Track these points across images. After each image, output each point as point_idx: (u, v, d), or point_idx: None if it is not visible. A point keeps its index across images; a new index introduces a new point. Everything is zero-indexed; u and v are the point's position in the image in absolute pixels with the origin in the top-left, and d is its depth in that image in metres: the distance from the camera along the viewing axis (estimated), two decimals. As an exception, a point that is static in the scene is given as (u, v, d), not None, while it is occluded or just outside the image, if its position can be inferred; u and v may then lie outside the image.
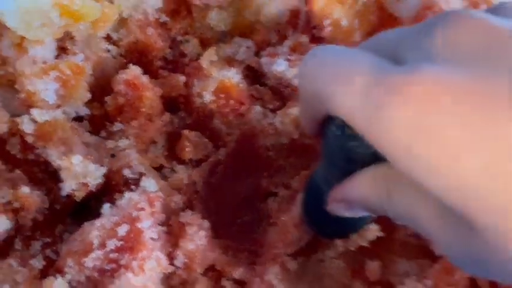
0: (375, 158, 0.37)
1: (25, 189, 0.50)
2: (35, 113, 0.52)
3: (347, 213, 0.44)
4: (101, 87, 0.62)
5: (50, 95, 0.54)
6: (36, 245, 0.51)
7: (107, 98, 0.60)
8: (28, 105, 0.53)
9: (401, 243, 0.58)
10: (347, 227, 0.53)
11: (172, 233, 0.55)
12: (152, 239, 0.50)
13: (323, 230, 0.55)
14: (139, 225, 0.50)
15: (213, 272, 0.55)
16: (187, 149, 0.62)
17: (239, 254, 0.58)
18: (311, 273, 0.58)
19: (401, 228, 0.58)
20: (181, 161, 0.63)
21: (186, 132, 0.63)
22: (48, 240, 0.52)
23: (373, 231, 0.54)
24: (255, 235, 0.60)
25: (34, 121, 0.52)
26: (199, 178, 0.63)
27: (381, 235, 0.56)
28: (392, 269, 0.57)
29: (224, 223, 0.62)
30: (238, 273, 0.55)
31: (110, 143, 0.58)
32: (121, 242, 0.48)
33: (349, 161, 0.39)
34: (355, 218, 0.50)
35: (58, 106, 0.55)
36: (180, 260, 0.53)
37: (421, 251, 0.57)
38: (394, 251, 0.57)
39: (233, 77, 0.61)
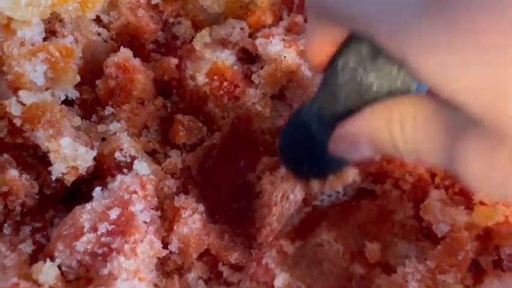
0: (390, 95, 0.35)
1: (13, 172, 0.49)
2: (23, 94, 0.50)
3: (350, 153, 0.41)
4: (91, 70, 0.60)
5: (38, 76, 0.52)
6: (26, 230, 0.50)
7: (98, 82, 0.59)
8: (16, 87, 0.51)
9: (401, 225, 0.57)
10: (326, 167, 0.50)
11: (166, 218, 0.54)
12: (145, 222, 0.49)
13: (300, 169, 0.52)
14: (131, 208, 0.48)
15: (208, 257, 0.54)
16: (180, 133, 0.60)
17: (235, 238, 0.57)
18: (309, 257, 0.57)
19: (401, 210, 0.57)
20: (175, 146, 0.61)
21: (179, 116, 0.61)
22: (38, 225, 0.50)
23: (351, 174, 0.52)
24: (251, 219, 0.59)
25: (22, 103, 0.51)
26: (193, 163, 0.62)
27: (359, 181, 0.55)
28: (392, 251, 0.55)
29: (220, 208, 0.61)
30: (234, 257, 0.54)
31: (101, 127, 0.57)
32: (113, 226, 0.47)
33: (360, 98, 0.37)
34: (336, 159, 0.46)
35: (47, 88, 0.53)
36: (174, 245, 0.52)
37: (422, 233, 0.56)
38: (394, 233, 0.56)
39: (227, 58, 0.60)
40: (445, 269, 0.50)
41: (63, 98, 0.56)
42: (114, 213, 0.47)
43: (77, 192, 0.55)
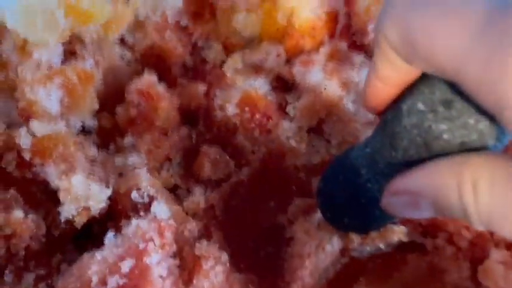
0: (461, 148, 0.31)
1: (18, 213, 0.44)
2: (34, 125, 0.46)
3: (405, 212, 0.35)
4: (112, 95, 0.56)
5: (52, 104, 0.48)
6: (29, 278, 0.45)
7: (118, 109, 0.54)
8: (27, 115, 0.47)
9: (454, 286, 0.49)
10: (369, 221, 0.44)
11: (185, 267, 0.48)
12: (161, 277, 0.43)
13: (340, 220, 0.46)
14: (146, 259, 0.42)
15: (231, 313, 0.48)
16: (205, 167, 0.55)
17: (262, 291, 0.50)
18: (344, 319, 0.50)
19: (455, 269, 0.49)
20: (199, 181, 0.56)
21: (205, 148, 0.56)
22: (43, 272, 0.45)
23: (397, 233, 0.46)
24: (280, 268, 0.52)
25: (33, 134, 0.46)
26: (218, 201, 0.56)
27: (405, 240, 0.48)
28: (444, 318, 0.48)
29: (245, 254, 0.55)
30: (260, 315, 0.47)
31: (119, 160, 0.51)
32: (124, 280, 0.41)
33: (425, 147, 0.32)
34: (381, 214, 0.41)
35: (62, 116, 0.49)
36: (193, 300, 0.46)
37: (479, 298, 0.48)
38: (446, 297, 0.49)
39: (260, 87, 0.54)
40: None
41: (79, 126, 0.51)
42: (126, 265, 0.42)
43: (89, 231, 0.50)
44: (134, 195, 0.47)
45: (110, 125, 0.55)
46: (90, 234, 0.50)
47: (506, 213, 0.28)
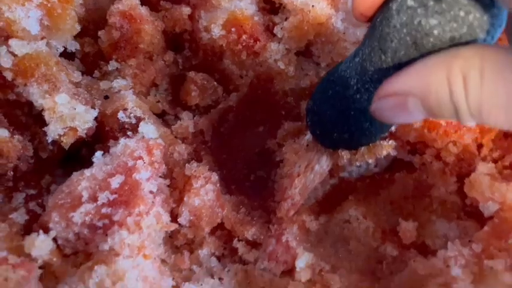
0: (451, 44, 0.31)
1: (3, 132, 0.43)
2: (14, 44, 0.44)
3: (395, 115, 0.34)
4: (94, 20, 0.54)
5: (32, 24, 0.46)
6: (19, 198, 0.45)
7: (101, 33, 0.52)
8: (6, 35, 0.45)
9: (441, 201, 0.50)
10: (360, 135, 0.44)
11: (176, 187, 0.48)
12: (151, 192, 0.43)
13: (329, 136, 0.46)
14: (136, 176, 0.42)
15: (222, 232, 0.49)
16: (193, 93, 0.54)
17: (252, 211, 0.51)
18: (335, 234, 0.51)
19: (442, 184, 0.50)
20: (187, 107, 0.55)
21: (192, 73, 0.55)
22: (33, 192, 0.45)
23: (386, 147, 0.46)
24: (270, 190, 0.53)
25: (13, 54, 0.44)
26: (207, 127, 0.56)
27: (394, 154, 0.48)
28: (430, 230, 0.49)
29: (235, 178, 0.55)
30: (251, 233, 0.48)
31: (104, 84, 0.50)
32: (114, 195, 0.41)
33: (415, 46, 0.32)
34: (374, 125, 0.42)
35: (42, 38, 0.47)
36: (185, 218, 0.46)
37: (465, 211, 0.49)
38: (432, 210, 0.50)
39: (247, 7, 0.52)
40: (492, 254, 0.43)
41: (61, 50, 0.49)
42: (116, 181, 0.42)
43: (78, 155, 0.50)
44: (121, 115, 0.47)
45: (94, 51, 0.53)
46: (79, 160, 0.50)
47: (498, 102, 0.28)
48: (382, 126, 0.43)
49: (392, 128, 0.47)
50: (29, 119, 0.47)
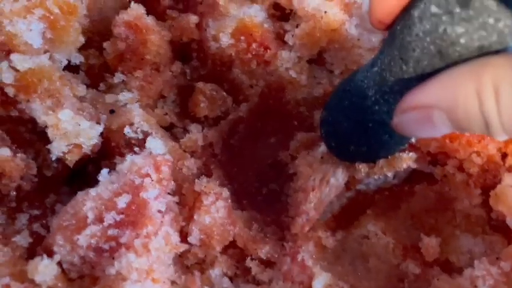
0: (479, 53, 0.28)
1: (4, 151, 0.42)
2: (16, 58, 0.43)
3: (419, 130, 0.32)
4: (99, 31, 0.52)
5: (34, 37, 0.44)
6: (22, 219, 0.43)
7: (106, 44, 0.50)
8: (8, 50, 0.44)
9: (465, 215, 0.47)
10: (379, 147, 0.43)
11: (185, 204, 0.46)
12: (159, 211, 0.41)
13: (345, 149, 0.44)
14: (143, 195, 0.40)
15: (234, 250, 0.46)
16: (202, 105, 0.52)
17: (265, 227, 0.49)
18: (353, 251, 0.48)
19: (465, 197, 0.47)
20: (196, 119, 0.53)
21: (200, 84, 0.53)
22: (37, 212, 0.43)
23: (405, 160, 0.44)
24: (283, 205, 0.51)
25: (15, 69, 0.43)
26: (217, 139, 0.54)
27: (414, 166, 0.45)
28: (453, 246, 0.46)
29: (247, 192, 0.53)
30: (264, 251, 0.46)
31: (110, 97, 0.49)
32: (121, 216, 0.39)
33: (440, 56, 0.30)
34: (393, 138, 0.40)
35: (45, 52, 0.45)
36: (195, 236, 0.44)
37: (490, 225, 0.47)
38: (456, 225, 0.47)
39: (256, 15, 0.51)
40: (523, 273, 0.41)
41: (65, 63, 0.48)
42: (123, 201, 0.40)
43: (84, 172, 0.48)
44: (127, 130, 0.45)
45: (99, 63, 0.52)
46: (85, 177, 0.48)
47: None
48: (401, 138, 0.41)
49: (413, 140, 0.44)
50: (32, 136, 0.46)
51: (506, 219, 0.44)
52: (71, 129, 0.42)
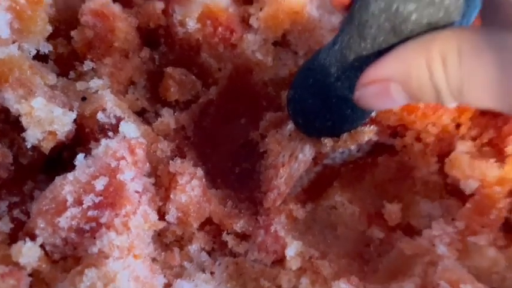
0: (428, 28, 0.31)
1: (-21, 141, 0.42)
2: (-16, 49, 0.43)
3: (378, 102, 0.35)
4: (65, 20, 0.52)
5: (2, 28, 0.45)
6: (2, 206, 0.44)
7: (73, 33, 0.51)
8: (-25, 41, 0.44)
9: (424, 182, 0.51)
10: (342, 122, 0.45)
11: (161, 185, 0.48)
12: (137, 192, 0.43)
13: (311, 125, 0.47)
14: (120, 176, 0.42)
15: (210, 226, 0.49)
16: (172, 89, 0.53)
17: (239, 204, 0.51)
18: (322, 221, 0.51)
19: (423, 165, 0.51)
20: (167, 103, 0.54)
21: (169, 69, 0.54)
22: (16, 199, 0.44)
23: (367, 132, 0.46)
24: (255, 182, 0.53)
25: (-16, 60, 0.43)
26: (189, 122, 0.55)
27: (375, 139, 0.48)
28: (414, 211, 0.50)
29: (220, 171, 0.55)
30: (239, 225, 0.48)
31: (80, 85, 0.49)
32: (100, 197, 0.41)
33: (394, 32, 0.33)
34: (355, 112, 0.43)
35: (13, 42, 0.46)
36: (172, 215, 0.46)
37: (447, 190, 0.50)
38: (416, 191, 0.51)
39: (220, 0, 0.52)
40: (475, 230, 0.45)
41: (34, 52, 0.48)
42: (100, 183, 0.41)
43: (59, 159, 0.49)
44: (100, 116, 0.46)
45: (67, 51, 0.52)
46: (61, 165, 0.49)
47: (477, 81, 0.29)
48: (363, 112, 0.44)
49: (373, 114, 0.47)
50: (5, 126, 0.46)
51: (460, 183, 0.47)
52: (45, 117, 0.43)
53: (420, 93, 0.32)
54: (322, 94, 0.43)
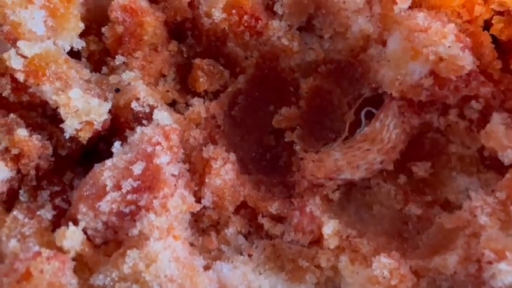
0: None
1: (22, 132, 0.44)
2: (22, 45, 0.45)
3: None
4: (96, 18, 0.54)
5: (37, 25, 0.47)
6: (44, 195, 0.45)
7: (104, 29, 0.52)
8: (14, 38, 0.46)
9: (459, 157, 0.50)
10: None
11: (196, 171, 0.48)
12: (173, 175, 0.43)
13: None
14: (156, 161, 0.43)
15: (246, 210, 0.49)
16: (201, 80, 0.54)
17: (272, 188, 0.51)
18: (356, 202, 0.51)
19: (457, 139, 0.50)
20: (196, 94, 0.55)
21: (197, 60, 0.55)
22: (57, 188, 0.46)
23: None
24: (287, 167, 0.53)
25: (23, 56, 0.45)
26: (218, 111, 0.56)
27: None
28: (451, 186, 0.49)
29: (252, 157, 0.56)
30: (274, 208, 0.48)
31: (113, 78, 0.51)
32: (138, 182, 0.42)
33: None
34: None
35: (49, 38, 0.47)
36: (208, 199, 0.47)
37: (484, 164, 0.49)
38: (451, 167, 0.50)
39: (244, -12, 0.53)
40: (517, 200, 0.43)
41: (68, 49, 0.50)
42: (138, 168, 0.42)
43: (95, 152, 0.50)
44: (134, 105, 0.47)
45: (99, 48, 0.54)
46: (97, 156, 0.50)
47: None
48: None
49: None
50: (44, 120, 0.48)
51: (498, 154, 0.46)
52: (82, 107, 0.44)
53: None
54: None
